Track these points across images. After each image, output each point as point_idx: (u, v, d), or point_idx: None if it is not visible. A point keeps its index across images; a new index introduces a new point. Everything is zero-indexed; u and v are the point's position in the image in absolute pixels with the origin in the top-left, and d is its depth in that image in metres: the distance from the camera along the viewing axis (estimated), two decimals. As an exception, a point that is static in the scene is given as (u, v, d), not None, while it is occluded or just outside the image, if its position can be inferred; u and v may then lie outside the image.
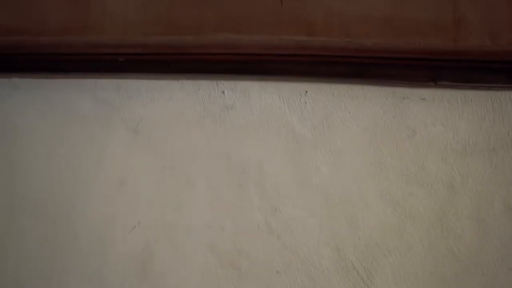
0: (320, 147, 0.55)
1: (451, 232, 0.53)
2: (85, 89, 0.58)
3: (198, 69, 0.55)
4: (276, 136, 0.55)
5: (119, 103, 0.58)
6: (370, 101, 0.54)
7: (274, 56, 0.51)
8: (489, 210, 0.53)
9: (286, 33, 0.49)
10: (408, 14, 0.49)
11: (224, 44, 0.50)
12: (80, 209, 0.59)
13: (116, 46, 0.52)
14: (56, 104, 0.59)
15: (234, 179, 0.56)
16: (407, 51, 0.49)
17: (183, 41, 0.50)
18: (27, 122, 0.60)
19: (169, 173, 0.57)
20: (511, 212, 0.52)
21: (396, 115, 0.54)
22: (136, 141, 0.58)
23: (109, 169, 0.58)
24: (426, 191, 0.54)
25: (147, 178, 0.57)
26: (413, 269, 0.54)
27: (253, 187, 0.56)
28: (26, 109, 0.60)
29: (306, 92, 0.55)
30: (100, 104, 0.58)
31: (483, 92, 0.53)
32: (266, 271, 0.56)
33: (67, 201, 0.59)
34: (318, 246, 0.55)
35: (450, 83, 0.52)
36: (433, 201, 0.53)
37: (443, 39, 0.48)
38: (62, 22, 0.53)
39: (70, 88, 0.59)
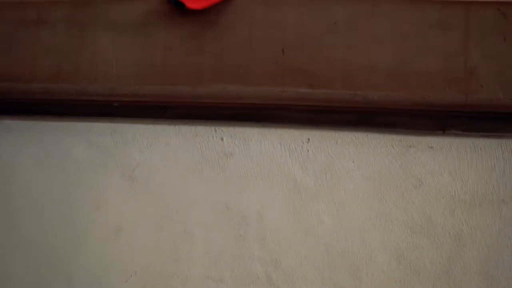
0: (322, 197, 0.53)
1: (458, 287, 0.51)
2: (79, 132, 0.56)
3: (196, 115, 0.53)
4: (277, 185, 0.53)
5: (114, 148, 0.56)
6: (375, 149, 0.52)
7: (275, 105, 0.48)
8: (498, 263, 0.51)
9: (287, 84, 0.47)
10: (416, 66, 0.46)
11: (223, 95, 0.47)
12: (74, 256, 0.57)
13: (109, 95, 0.49)
14: (49, 147, 0.57)
15: (233, 229, 0.54)
16: (415, 105, 0.46)
17: (179, 91, 0.48)
18: (20, 165, 0.58)
19: (167, 221, 0.55)
20: (521, 268, 0.50)
21: (402, 164, 0.52)
22: (132, 188, 0.56)
23: (104, 216, 0.56)
24: (432, 244, 0.52)
25: (144, 226, 0.56)
26: (418, 325, 0.52)
27: (253, 237, 0.54)
28: (18, 152, 0.58)
29: (309, 139, 0.53)
30: (95, 148, 0.56)
31: (494, 141, 0.51)
32: (267, 322, 0.55)
33: (61, 248, 0.57)
34: (320, 299, 0.54)
35: (460, 131, 0.50)
36: (439, 254, 0.52)
37: (453, 92, 0.46)
38: (53, 69, 0.50)
39: (64, 131, 0.57)
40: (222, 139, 0.54)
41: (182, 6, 0.43)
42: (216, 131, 0.54)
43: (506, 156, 0.50)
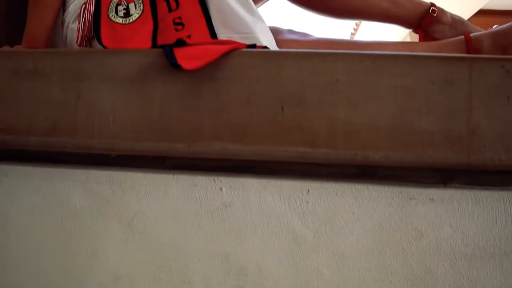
0: (322, 249, 0.52)
1: None
2: (77, 180, 0.56)
3: (194, 167, 0.52)
4: (276, 237, 0.53)
5: (112, 196, 0.55)
6: (375, 201, 0.51)
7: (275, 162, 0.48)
8: (499, 317, 0.51)
9: (287, 143, 0.46)
10: (418, 124, 0.45)
11: (221, 154, 0.47)
12: (73, 304, 0.57)
13: (106, 149, 0.49)
14: (47, 194, 0.56)
15: (232, 280, 0.54)
16: (416, 164, 0.46)
17: (176, 148, 0.47)
18: (16, 212, 0.57)
19: (165, 271, 0.55)
20: (522, 324, 0.50)
21: (402, 217, 0.51)
22: (130, 237, 0.55)
23: (102, 264, 0.56)
24: (433, 297, 0.51)
25: (142, 275, 0.55)
26: None
27: (252, 288, 0.54)
28: (15, 198, 0.57)
29: (308, 191, 0.52)
30: (93, 196, 0.56)
31: (495, 193, 0.50)
32: None
33: (60, 296, 0.57)
34: None
35: (461, 185, 0.50)
36: (439, 307, 0.51)
37: (455, 152, 0.45)
38: (50, 122, 0.50)
39: (61, 178, 0.56)
40: (221, 189, 0.53)
41: (178, 67, 0.42)
42: (215, 181, 0.53)
43: (508, 209, 0.50)
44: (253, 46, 0.51)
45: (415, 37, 0.80)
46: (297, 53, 0.47)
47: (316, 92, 0.46)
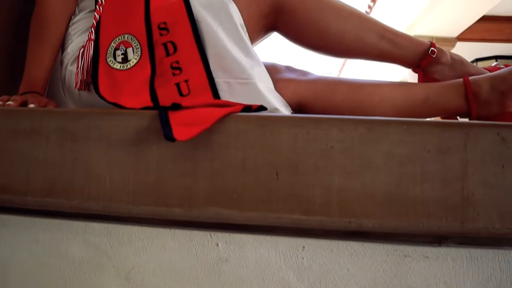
0: (317, 304, 0.53)
1: None
2: (75, 231, 0.57)
3: (191, 223, 0.52)
4: (272, 292, 0.54)
5: (110, 249, 0.56)
6: (370, 258, 0.52)
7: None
8: None
9: (282, 210, 0.46)
10: (412, 193, 0.46)
11: (216, 219, 0.47)
12: None
13: (103, 211, 0.49)
14: (46, 245, 0.57)
15: (228, 333, 0.55)
16: (410, 231, 0.46)
17: (172, 213, 0.48)
18: (16, 262, 0.58)
19: (163, 322, 0.56)
20: None
21: (396, 274, 0.52)
22: (128, 289, 0.56)
23: (102, 314, 0.57)
24: None
25: (140, 326, 0.56)
26: None
27: None
28: (15, 248, 0.58)
29: (304, 247, 0.53)
30: (91, 248, 0.56)
31: (490, 251, 0.50)
32: None
33: None
34: None
35: (456, 244, 0.50)
36: None
37: (449, 220, 0.45)
38: (47, 183, 0.50)
39: (60, 229, 0.57)
40: (217, 244, 0.54)
41: (173, 140, 0.43)
42: (211, 236, 0.54)
43: (503, 267, 0.50)
44: (249, 108, 0.51)
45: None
46: (292, 119, 0.47)
47: (310, 159, 0.46)
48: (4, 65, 0.81)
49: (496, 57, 4.68)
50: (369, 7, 4.08)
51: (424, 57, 0.73)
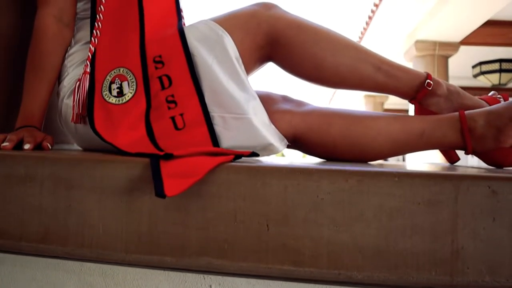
0: None
1: None
2: (71, 271, 0.57)
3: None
4: (264, 335, 0.54)
5: (105, 289, 0.57)
6: (361, 303, 0.52)
7: (261, 272, 0.49)
8: None
9: (272, 261, 0.47)
10: (402, 246, 0.46)
11: (208, 268, 0.47)
12: None
13: (96, 258, 0.50)
14: (42, 283, 0.58)
15: None
16: (399, 284, 0.46)
17: (164, 261, 0.48)
18: (14, 300, 0.59)
19: None
20: None
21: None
22: (123, 328, 0.57)
23: None
24: None
25: None
26: None
27: None
28: (12, 286, 0.59)
29: (296, 291, 0.53)
30: (86, 287, 0.57)
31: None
32: None
33: None
34: None
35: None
36: None
37: (438, 273, 0.45)
38: (41, 230, 0.51)
39: (56, 268, 0.58)
40: (210, 286, 0.54)
41: (163, 197, 0.43)
42: (204, 278, 0.55)
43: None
44: (240, 156, 0.51)
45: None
46: (282, 170, 0.47)
47: (301, 210, 0.47)
48: (1, 100, 0.82)
49: (500, 61, 4.65)
50: (372, 11, 4.06)
51: (420, 89, 0.72)
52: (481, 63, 4.85)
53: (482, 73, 4.86)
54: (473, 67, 5.05)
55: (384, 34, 4.47)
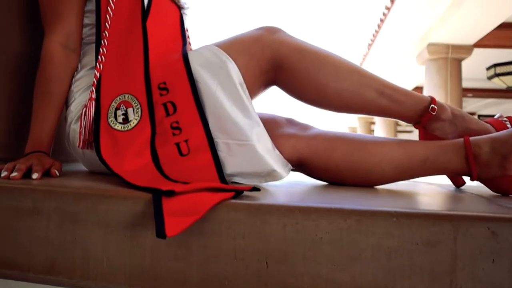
0: None
1: None
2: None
3: None
4: None
5: (110, 317, 0.58)
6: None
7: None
8: None
9: (271, 299, 0.47)
10: (400, 286, 0.46)
11: (208, 303, 0.48)
12: None
13: (101, 290, 0.51)
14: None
15: None
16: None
17: (167, 296, 0.49)
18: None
19: None
20: None
21: None
22: None
23: None
24: None
25: None
26: None
27: None
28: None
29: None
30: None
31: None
32: None
33: None
34: None
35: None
36: None
37: (437, 314, 0.46)
38: (48, 262, 0.53)
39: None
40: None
41: (164, 237, 0.44)
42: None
43: None
44: (241, 192, 0.52)
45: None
46: (281, 208, 0.48)
47: (299, 249, 0.47)
48: (11, 127, 0.84)
49: (515, 62, 4.57)
50: (384, 14, 4.02)
51: (424, 113, 0.72)
52: (495, 65, 4.77)
53: (497, 75, 4.78)
54: (487, 69, 4.97)
55: (396, 37, 4.43)
